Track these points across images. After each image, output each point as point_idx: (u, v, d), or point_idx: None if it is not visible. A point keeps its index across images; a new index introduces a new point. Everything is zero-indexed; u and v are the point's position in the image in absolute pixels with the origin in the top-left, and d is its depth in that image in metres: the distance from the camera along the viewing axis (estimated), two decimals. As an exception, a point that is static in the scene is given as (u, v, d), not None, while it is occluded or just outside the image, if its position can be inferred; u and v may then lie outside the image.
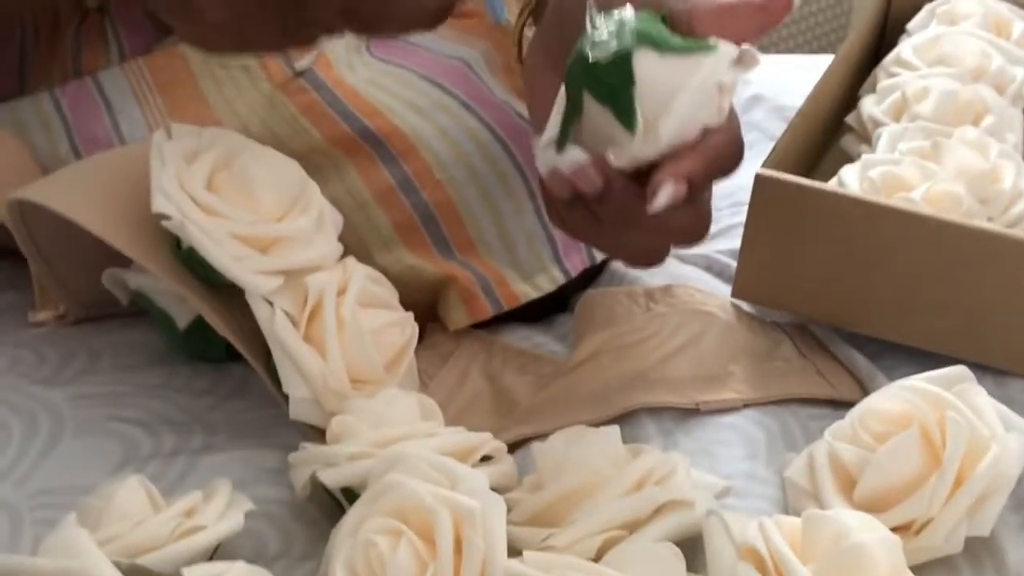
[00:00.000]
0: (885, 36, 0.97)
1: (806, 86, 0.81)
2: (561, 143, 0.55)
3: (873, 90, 0.86)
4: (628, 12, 0.54)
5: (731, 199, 0.91)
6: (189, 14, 0.56)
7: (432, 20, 0.58)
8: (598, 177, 0.53)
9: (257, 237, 0.62)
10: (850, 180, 0.72)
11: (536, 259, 0.76)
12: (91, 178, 0.66)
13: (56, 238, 0.69)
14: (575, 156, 0.54)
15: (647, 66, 0.52)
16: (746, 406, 0.66)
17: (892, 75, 0.86)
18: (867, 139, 0.82)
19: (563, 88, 0.56)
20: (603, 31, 0.53)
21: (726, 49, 0.52)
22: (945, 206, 0.69)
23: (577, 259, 0.78)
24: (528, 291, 0.76)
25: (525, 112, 0.77)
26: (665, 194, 0.52)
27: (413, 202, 0.74)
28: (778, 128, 0.97)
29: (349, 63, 0.78)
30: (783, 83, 1.03)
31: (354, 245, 0.74)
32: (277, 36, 0.58)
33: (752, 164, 0.96)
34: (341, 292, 0.63)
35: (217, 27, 0.56)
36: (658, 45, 0.52)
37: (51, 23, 0.81)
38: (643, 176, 0.54)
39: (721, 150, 0.54)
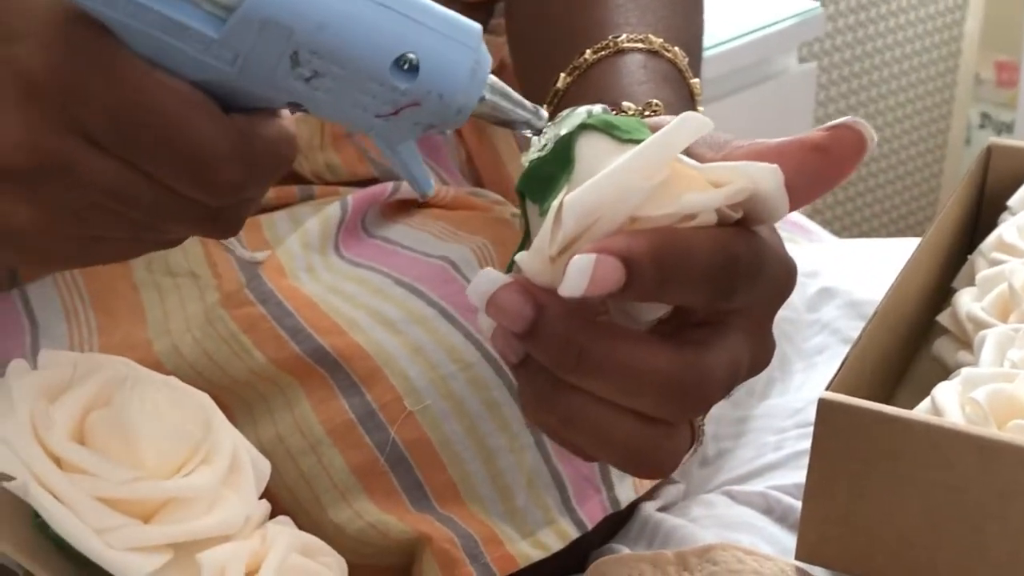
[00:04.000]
0: (981, 215, 0.80)
1: (887, 277, 0.65)
2: None
3: (971, 282, 0.69)
4: (594, 107, 0.41)
5: (796, 417, 0.73)
6: None
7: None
8: (523, 302, 0.37)
9: (135, 500, 0.46)
10: (948, 404, 0.54)
11: (540, 508, 0.59)
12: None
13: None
14: (490, 278, 0.38)
15: (593, 150, 0.39)
16: None
17: (994, 263, 0.69)
18: (967, 344, 0.65)
19: None
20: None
21: (692, 119, 0.38)
22: (1079, 436, 0.52)
23: (595, 505, 0.60)
24: (529, 552, 0.58)
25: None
26: (578, 267, 0.35)
27: (378, 440, 0.58)
28: (855, 329, 0.79)
29: (309, 265, 0.64)
30: (859, 274, 0.86)
31: (304, 498, 0.58)
32: (125, 243, 0.43)
33: (822, 373, 0.80)
34: (252, 573, 0.47)
35: (26, 234, 0.42)
36: (614, 130, 0.39)
37: None
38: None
39: (700, 243, 0.37)
